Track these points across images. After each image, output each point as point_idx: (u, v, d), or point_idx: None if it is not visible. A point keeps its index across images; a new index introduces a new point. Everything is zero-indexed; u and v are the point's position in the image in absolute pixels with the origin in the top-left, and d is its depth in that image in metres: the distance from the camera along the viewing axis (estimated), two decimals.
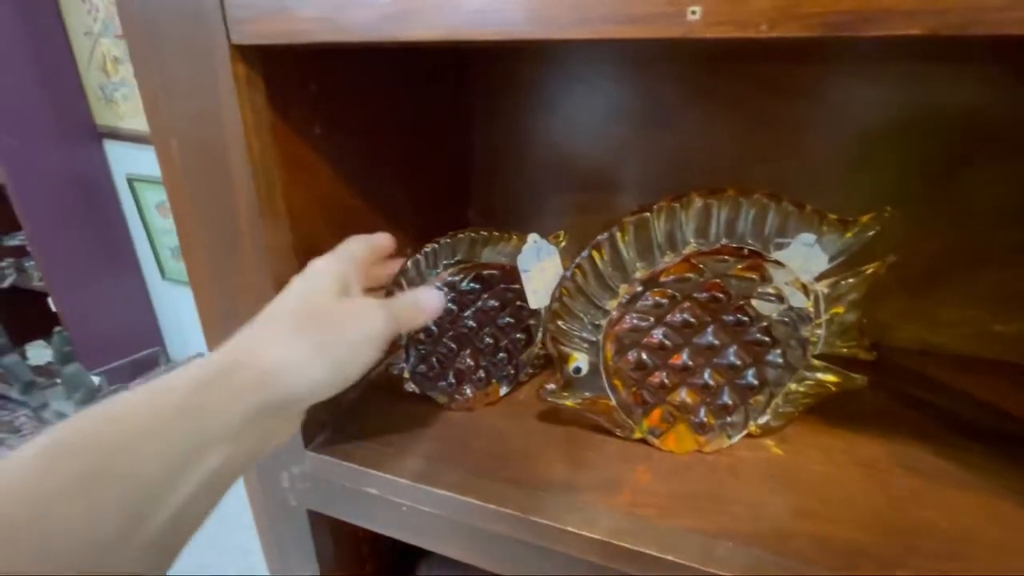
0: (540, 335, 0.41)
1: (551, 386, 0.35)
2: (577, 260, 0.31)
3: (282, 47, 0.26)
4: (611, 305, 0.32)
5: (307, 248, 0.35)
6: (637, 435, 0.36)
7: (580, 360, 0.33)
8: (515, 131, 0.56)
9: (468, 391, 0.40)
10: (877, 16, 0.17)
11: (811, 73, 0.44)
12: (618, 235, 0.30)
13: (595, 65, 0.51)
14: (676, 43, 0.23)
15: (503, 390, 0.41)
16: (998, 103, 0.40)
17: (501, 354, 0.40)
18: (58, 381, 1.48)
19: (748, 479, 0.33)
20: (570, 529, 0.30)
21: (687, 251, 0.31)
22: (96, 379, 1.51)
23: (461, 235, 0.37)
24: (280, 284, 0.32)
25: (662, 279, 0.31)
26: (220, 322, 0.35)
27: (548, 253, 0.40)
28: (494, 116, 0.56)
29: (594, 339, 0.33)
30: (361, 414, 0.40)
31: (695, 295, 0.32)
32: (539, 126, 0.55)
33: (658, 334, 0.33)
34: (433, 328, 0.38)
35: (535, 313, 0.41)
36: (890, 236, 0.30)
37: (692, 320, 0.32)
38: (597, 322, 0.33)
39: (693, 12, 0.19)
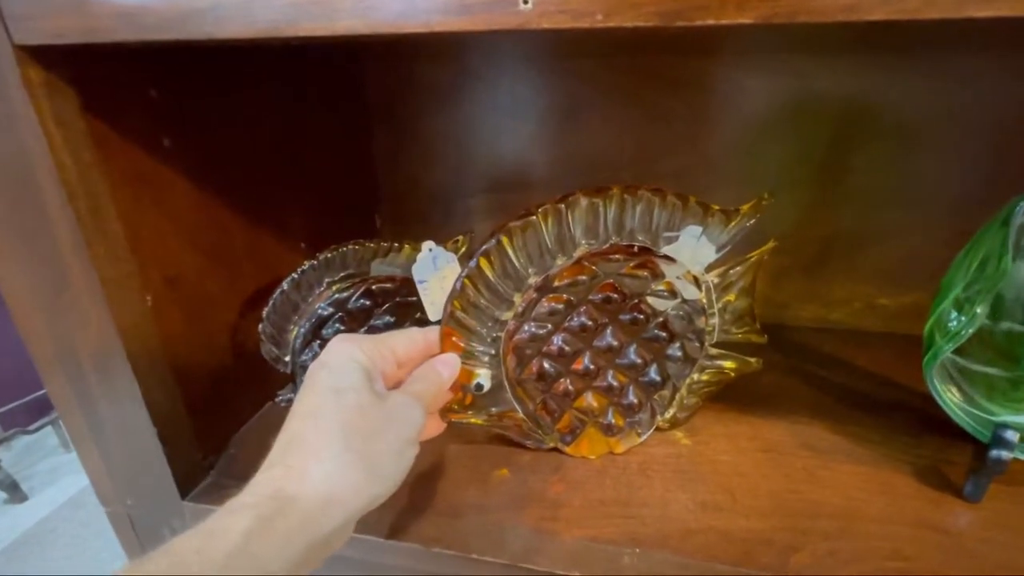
0: None
1: (454, 406, 0.33)
2: (465, 271, 0.29)
3: (87, 47, 0.22)
4: (507, 316, 0.31)
5: (163, 275, 0.31)
6: (549, 444, 0.35)
7: (482, 376, 0.31)
8: (417, 134, 0.53)
9: None
10: (709, 5, 0.16)
11: (700, 67, 0.45)
12: (505, 241, 0.29)
13: (494, 63, 0.49)
14: (570, 39, 0.21)
15: None
16: (872, 91, 0.42)
17: None
18: None
19: (658, 477, 0.33)
20: (475, 556, 0.28)
21: (578, 253, 0.30)
22: None
23: (346, 248, 0.34)
24: (125, 320, 0.28)
25: (556, 284, 0.30)
26: (61, 370, 0.30)
27: (446, 261, 0.38)
28: (393, 119, 0.53)
29: (494, 352, 0.31)
30: (245, 454, 0.36)
31: (590, 297, 0.31)
32: (442, 128, 0.52)
33: (557, 340, 0.32)
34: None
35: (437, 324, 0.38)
36: (777, 221, 0.30)
37: (589, 323, 0.31)
38: (495, 335, 0.31)
39: (525, 2, 0.17)
